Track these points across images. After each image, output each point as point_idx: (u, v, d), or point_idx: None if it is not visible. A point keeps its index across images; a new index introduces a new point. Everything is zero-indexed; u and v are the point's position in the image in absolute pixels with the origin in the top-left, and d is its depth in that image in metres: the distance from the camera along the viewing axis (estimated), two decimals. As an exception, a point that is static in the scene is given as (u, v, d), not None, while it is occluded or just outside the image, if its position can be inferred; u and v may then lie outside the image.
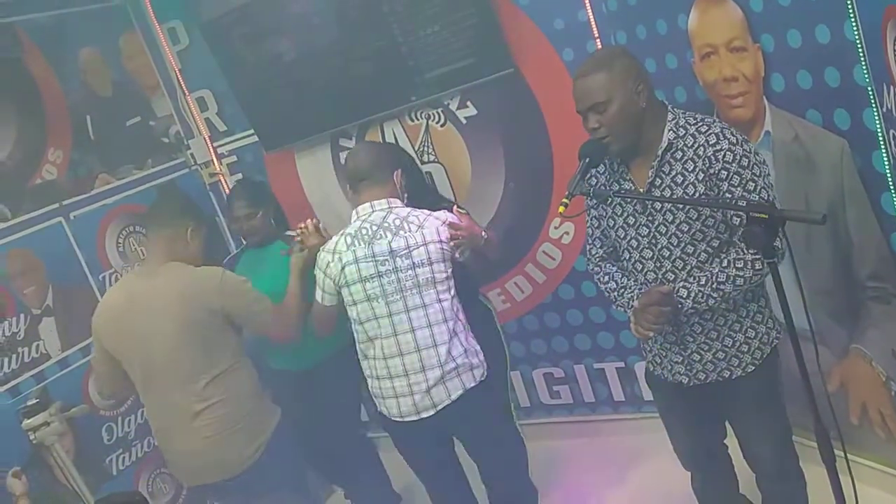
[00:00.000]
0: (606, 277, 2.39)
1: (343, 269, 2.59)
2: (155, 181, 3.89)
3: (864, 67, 2.18)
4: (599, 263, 2.43)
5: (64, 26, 3.60)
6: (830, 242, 2.58)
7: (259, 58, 3.67)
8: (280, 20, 3.55)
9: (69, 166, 3.54)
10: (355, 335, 2.70)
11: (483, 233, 2.77)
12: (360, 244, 2.58)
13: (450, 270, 2.62)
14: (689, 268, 2.20)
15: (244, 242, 3.56)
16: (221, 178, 4.12)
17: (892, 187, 2.27)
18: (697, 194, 2.13)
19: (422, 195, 3.03)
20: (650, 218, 2.21)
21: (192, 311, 2.71)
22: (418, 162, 3.50)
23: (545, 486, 3.03)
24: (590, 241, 2.46)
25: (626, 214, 2.26)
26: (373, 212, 2.62)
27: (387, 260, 2.56)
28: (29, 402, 2.97)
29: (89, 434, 3.38)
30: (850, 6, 2.14)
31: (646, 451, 3.36)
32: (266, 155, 3.96)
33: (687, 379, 2.33)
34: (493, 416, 2.90)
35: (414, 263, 2.56)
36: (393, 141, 3.68)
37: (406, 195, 2.80)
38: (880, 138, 2.23)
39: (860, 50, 2.16)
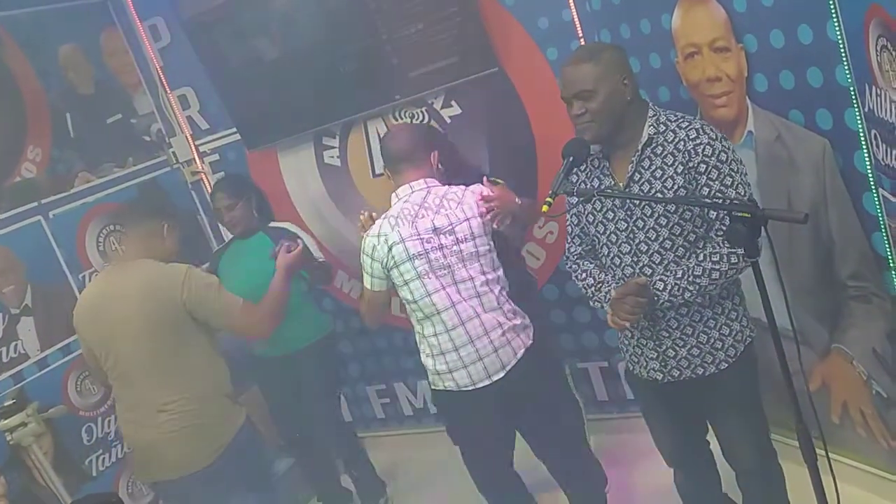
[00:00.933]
0: (584, 274, 2.41)
1: (390, 249, 2.62)
2: (136, 179, 3.86)
3: (846, 68, 2.19)
4: (577, 261, 2.45)
5: (44, 23, 3.57)
6: (812, 242, 2.59)
7: (242, 55, 3.64)
8: (263, 17, 3.53)
9: (49, 164, 3.51)
10: (411, 317, 2.74)
11: (517, 199, 2.78)
12: (403, 224, 2.62)
13: (492, 243, 2.69)
14: (665, 262, 2.22)
15: (224, 239, 3.57)
16: (203, 176, 4.09)
17: (873, 187, 2.28)
18: (676, 187, 2.15)
19: (455, 167, 3.04)
20: (628, 213, 2.23)
21: (156, 306, 2.70)
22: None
23: (530, 485, 3.02)
24: (568, 239, 2.47)
25: (605, 209, 2.28)
26: (412, 192, 2.67)
27: (432, 237, 2.61)
28: (5, 403, 2.93)
29: (69, 435, 3.35)
30: (832, 6, 2.15)
31: (630, 450, 3.37)
32: (249, 153, 3.94)
33: (661, 376, 2.34)
34: (552, 376, 3.06)
35: (458, 239, 2.61)
36: (377, 140, 3.66)
37: (443, 171, 2.85)
38: (862, 138, 2.24)
39: (842, 50, 2.17)
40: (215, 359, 2.86)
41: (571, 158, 2.16)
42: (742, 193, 2.13)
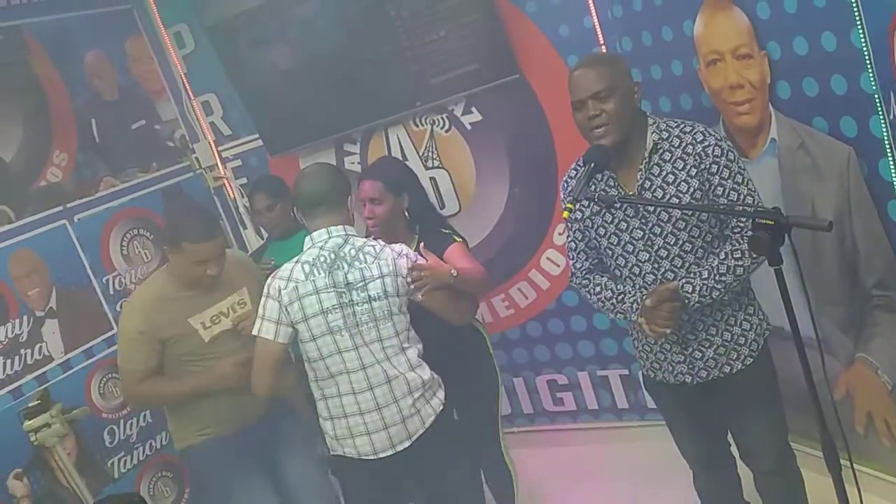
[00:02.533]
0: (598, 288, 2.37)
1: (301, 300, 2.42)
2: (159, 185, 3.89)
3: (870, 75, 2.17)
4: (587, 276, 2.41)
5: (70, 30, 3.61)
6: (836, 250, 2.57)
7: (264, 62, 3.67)
8: (285, 25, 3.55)
9: (74, 169, 3.55)
10: (310, 374, 2.54)
11: (452, 270, 2.63)
12: (319, 273, 2.43)
13: (403, 306, 2.51)
14: (687, 265, 2.21)
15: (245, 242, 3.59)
16: (226, 182, 4.12)
17: (898, 195, 2.26)
18: (692, 190, 2.15)
19: (424, 216, 3.01)
20: (643, 221, 2.22)
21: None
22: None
23: (548, 493, 3.01)
24: (573, 255, 2.43)
25: (616, 220, 2.26)
26: (329, 238, 2.47)
27: (344, 292, 2.43)
28: (30, 404, 2.96)
29: (91, 436, 3.37)
30: (856, 13, 2.13)
31: (650, 459, 3.34)
32: (271, 159, 3.96)
33: (690, 378, 2.33)
34: (463, 446, 2.73)
35: (370, 297, 2.43)
36: (398, 147, 3.68)
37: (394, 208, 2.85)
38: (887, 146, 2.22)
39: (867, 57, 2.16)
40: None
41: (593, 164, 2.15)
42: (752, 190, 2.17)
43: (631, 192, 2.21)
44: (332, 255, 2.45)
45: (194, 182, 4.06)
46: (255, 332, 2.48)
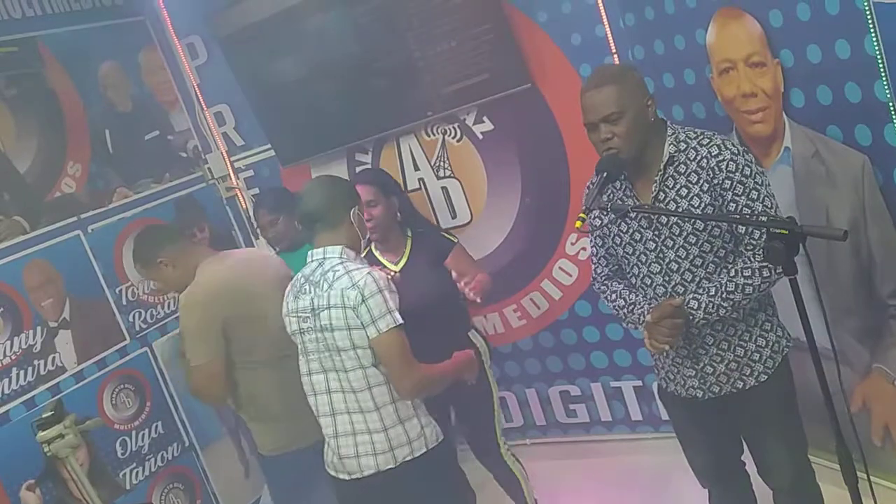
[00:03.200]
0: (614, 295, 2.36)
1: (287, 315, 2.49)
2: (172, 195, 3.91)
3: (884, 83, 2.16)
4: (606, 282, 2.41)
5: (85, 41, 3.64)
6: (852, 260, 2.54)
7: (276, 73, 3.68)
8: (297, 35, 3.57)
9: (88, 180, 3.57)
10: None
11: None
12: (290, 297, 2.46)
13: (362, 339, 2.31)
14: (697, 279, 2.19)
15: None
16: (238, 192, 4.13)
17: (914, 204, 2.24)
18: (703, 205, 2.13)
19: (415, 218, 3.09)
20: (656, 232, 2.20)
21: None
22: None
23: (560, 505, 3.00)
24: (595, 261, 2.43)
25: (631, 230, 2.25)
26: (311, 261, 2.44)
27: (308, 317, 2.39)
28: (44, 415, 2.96)
29: (103, 447, 3.38)
30: (870, 21, 2.12)
31: (664, 471, 3.31)
32: (282, 169, 3.97)
33: (702, 393, 2.30)
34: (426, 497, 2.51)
35: (322, 326, 2.35)
36: (409, 156, 3.68)
37: (389, 208, 2.89)
38: (902, 154, 2.20)
39: (881, 65, 2.14)
40: None
41: (606, 174, 2.14)
42: (769, 206, 2.12)
43: (646, 203, 2.20)
44: (303, 280, 2.43)
45: (207, 192, 4.08)
46: None
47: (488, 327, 3.75)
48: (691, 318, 2.15)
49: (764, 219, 2.07)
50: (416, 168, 3.67)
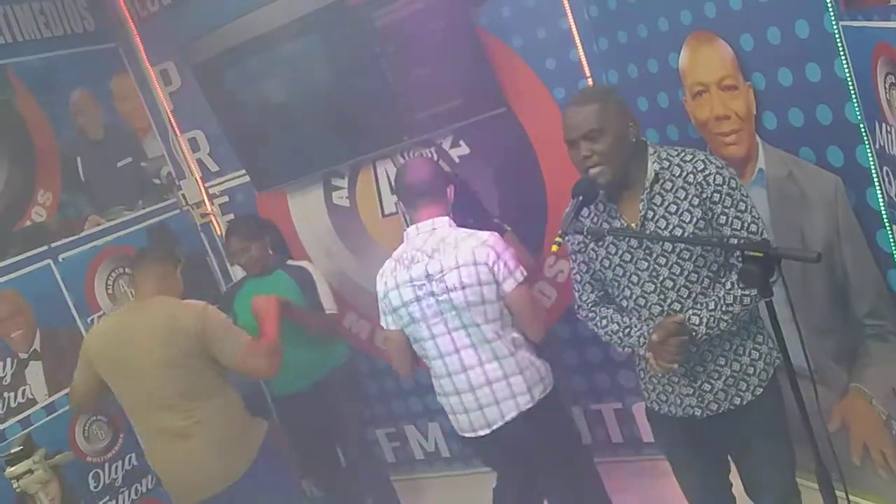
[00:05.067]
0: (605, 321, 2.34)
1: (387, 294, 2.63)
2: (146, 222, 3.87)
3: (855, 105, 2.18)
4: (594, 308, 2.38)
5: (55, 69, 3.61)
6: (827, 280, 2.56)
7: (251, 98, 3.67)
8: (272, 61, 3.56)
9: (59, 208, 3.52)
10: (417, 352, 2.72)
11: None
12: (401, 269, 2.60)
13: (491, 293, 2.54)
14: (693, 295, 2.18)
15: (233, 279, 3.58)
16: (213, 218, 4.10)
17: (887, 224, 2.25)
18: (695, 220, 2.13)
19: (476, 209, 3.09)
20: (647, 252, 2.19)
21: (173, 339, 2.77)
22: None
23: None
24: (579, 288, 2.41)
25: (620, 252, 2.24)
26: (418, 234, 2.63)
27: (423, 284, 2.55)
28: (12, 450, 2.90)
29: (76, 481, 3.31)
30: (839, 44, 2.14)
31: (645, 494, 3.30)
32: (258, 195, 3.95)
33: (700, 411, 2.28)
34: (558, 441, 2.80)
35: (447, 287, 2.52)
36: (386, 181, 3.67)
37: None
38: (874, 175, 2.22)
39: (851, 87, 2.17)
40: (226, 382, 2.94)
41: (581, 198, 2.14)
42: (756, 216, 2.14)
43: (633, 224, 2.19)
44: (414, 250, 2.59)
45: (181, 219, 4.04)
46: (381, 324, 2.73)
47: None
48: (694, 334, 2.14)
49: (754, 234, 2.12)
50: (393, 192, 3.66)
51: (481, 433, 2.65)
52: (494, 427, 2.62)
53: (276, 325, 3.00)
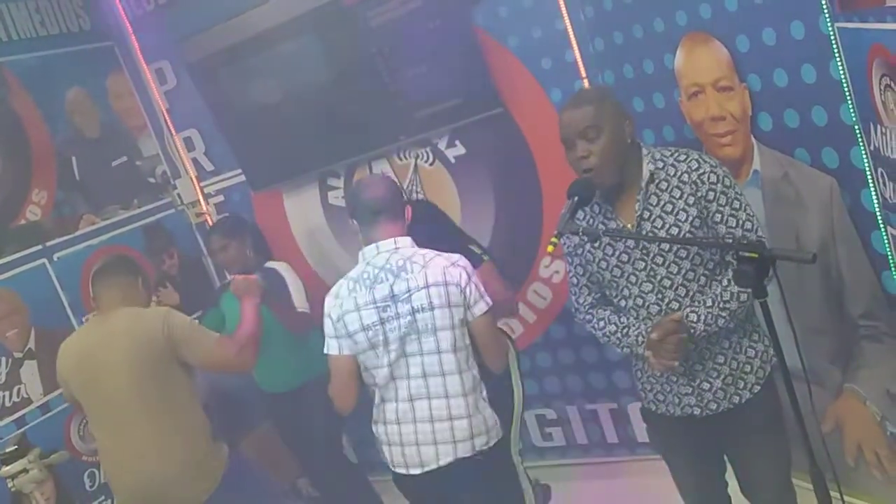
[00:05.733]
0: (602, 322, 2.33)
1: (342, 317, 2.42)
2: (141, 221, 3.87)
3: (850, 106, 2.18)
4: (591, 311, 2.37)
5: (51, 67, 3.61)
6: (822, 281, 2.56)
7: (246, 98, 3.67)
8: (267, 60, 3.55)
9: (54, 207, 3.52)
10: (367, 379, 2.53)
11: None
12: (361, 289, 2.41)
13: (459, 317, 2.39)
14: (691, 293, 2.18)
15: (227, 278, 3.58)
16: (208, 217, 4.09)
17: (881, 226, 2.26)
18: (691, 218, 2.14)
19: (444, 234, 2.95)
20: (644, 251, 2.20)
21: (142, 347, 2.76)
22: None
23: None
24: (576, 290, 2.39)
25: (618, 252, 2.24)
26: (378, 254, 2.44)
27: (388, 305, 2.38)
28: (7, 449, 2.90)
29: (71, 480, 3.31)
30: (835, 46, 2.15)
31: (640, 494, 3.31)
32: (254, 194, 3.94)
33: (699, 410, 2.28)
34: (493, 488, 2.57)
35: (413, 308, 2.36)
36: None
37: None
38: (868, 176, 2.22)
39: (846, 89, 2.17)
40: (196, 402, 2.91)
41: (577, 198, 2.13)
42: (751, 215, 2.15)
43: (630, 224, 2.20)
44: (377, 270, 2.42)
45: (176, 218, 4.03)
46: (325, 351, 2.51)
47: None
48: (692, 331, 2.15)
49: (749, 231, 2.14)
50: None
51: (413, 472, 2.46)
52: (427, 469, 2.44)
53: (255, 307, 3.01)
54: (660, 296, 2.21)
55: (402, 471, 2.49)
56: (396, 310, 2.38)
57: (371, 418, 2.55)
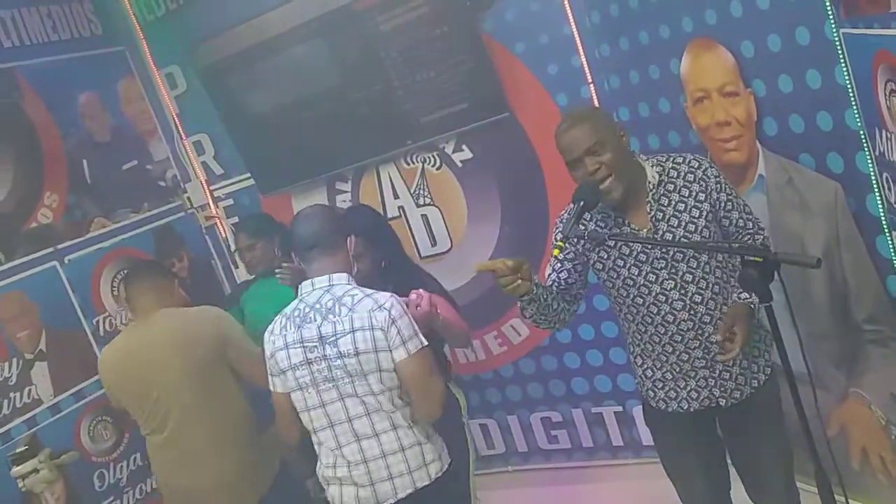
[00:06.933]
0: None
1: (274, 354, 2.35)
2: (151, 224, 3.89)
3: (855, 111, 2.19)
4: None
5: (63, 72, 3.64)
6: (827, 286, 2.57)
7: (256, 102, 3.70)
8: (277, 65, 3.58)
9: (65, 210, 3.54)
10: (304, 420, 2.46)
11: (439, 311, 2.53)
12: (290, 328, 2.32)
13: (387, 361, 2.28)
14: (710, 284, 2.21)
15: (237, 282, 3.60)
16: (218, 221, 4.12)
17: (886, 230, 2.27)
18: (704, 213, 2.19)
19: (396, 261, 2.88)
20: (664, 249, 2.21)
21: (195, 346, 2.77)
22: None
23: None
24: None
25: (635, 253, 2.25)
26: (311, 290, 2.35)
27: (315, 346, 2.29)
28: (18, 449, 2.93)
29: (81, 481, 3.32)
30: (840, 51, 2.16)
31: (645, 497, 3.31)
32: (262, 198, 3.97)
33: (724, 400, 2.30)
34: None
35: (341, 353, 2.26)
36: (389, 185, 3.69)
37: (375, 262, 2.72)
38: (873, 181, 2.23)
39: (851, 95, 2.18)
40: (246, 403, 2.92)
41: (582, 203, 2.15)
42: (749, 211, 2.27)
43: (645, 229, 2.22)
44: (307, 309, 2.32)
45: (186, 222, 4.06)
46: (270, 387, 2.44)
47: (469, 355, 3.74)
48: (752, 306, 2.18)
49: (749, 216, 2.22)
50: (396, 196, 3.69)
51: None
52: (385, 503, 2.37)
53: None
54: (682, 291, 2.22)
55: None
56: (324, 352, 2.29)
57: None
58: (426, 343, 2.33)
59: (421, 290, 2.51)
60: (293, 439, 2.49)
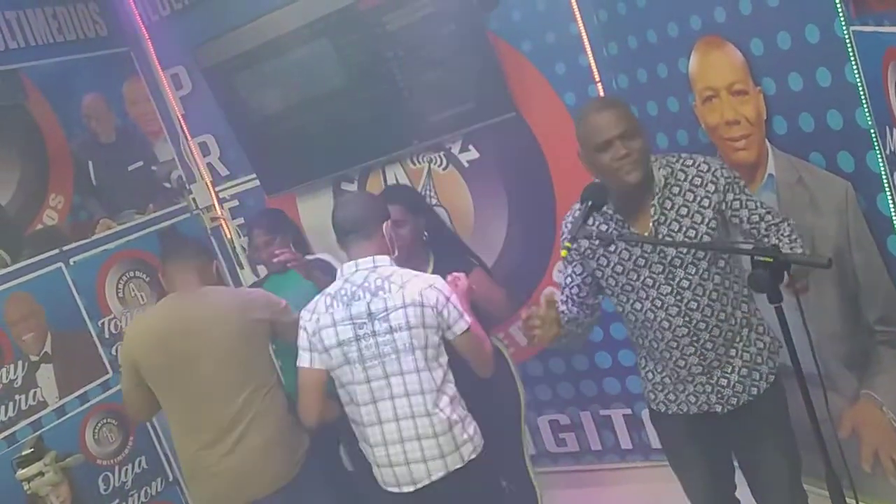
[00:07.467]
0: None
1: (318, 331, 2.45)
2: (156, 226, 3.88)
3: (865, 110, 2.17)
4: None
5: (68, 73, 3.64)
6: (837, 286, 2.55)
7: (261, 103, 3.69)
8: (282, 65, 3.57)
9: (70, 211, 3.54)
10: (344, 398, 2.55)
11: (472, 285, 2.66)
12: (338, 305, 2.44)
13: (435, 338, 2.43)
14: (707, 291, 2.20)
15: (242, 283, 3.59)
16: (223, 222, 4.11)
17: (897, 230, 2.24)
18: (707, 220, 2.17)
19: (441, 238, 3.05)
20: (662, 255, 2.20)
21: (245, 323, 2.80)
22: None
23: None
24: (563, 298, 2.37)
25: (634, 257, 2.24)
26: (356, 271, 2.47)
27: (365, 323, 2.41)
28: (23, 452, 2.92)
29: (86, 483, 3.32)
30: (850, 49, 2.14)
31: (654, 500, 3.29)
32: (268, 199, 3.96)
33: (720, 407, 2.30)
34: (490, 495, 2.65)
35: (391, 327, 2.39)
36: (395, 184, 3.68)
37: (417, 229, 2.82)
38: (884, 181, 2.21)
39: (861, 92, 2.16)
40: (278, 377, 2.96)
41: (591, 203, 2.13)
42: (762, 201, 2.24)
43: (645, 232, 2.20)
44: (354, 287, 2.44)
45: (191, 223, 4.05)
46: (297, 363, 2.52)
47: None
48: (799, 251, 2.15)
49: (767, 211, 2.20)
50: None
51: (405, 489, 2.49)
52: (420, 485, 2.47)
53: None
54: (679, 297, 2.21)
55: (395, 489, 2.51)
56: (373, 328, 2.41)
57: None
58: (471, 319, 2.49)
59: (457, 274, 2.63)
60: (312, 419, 2.56)
